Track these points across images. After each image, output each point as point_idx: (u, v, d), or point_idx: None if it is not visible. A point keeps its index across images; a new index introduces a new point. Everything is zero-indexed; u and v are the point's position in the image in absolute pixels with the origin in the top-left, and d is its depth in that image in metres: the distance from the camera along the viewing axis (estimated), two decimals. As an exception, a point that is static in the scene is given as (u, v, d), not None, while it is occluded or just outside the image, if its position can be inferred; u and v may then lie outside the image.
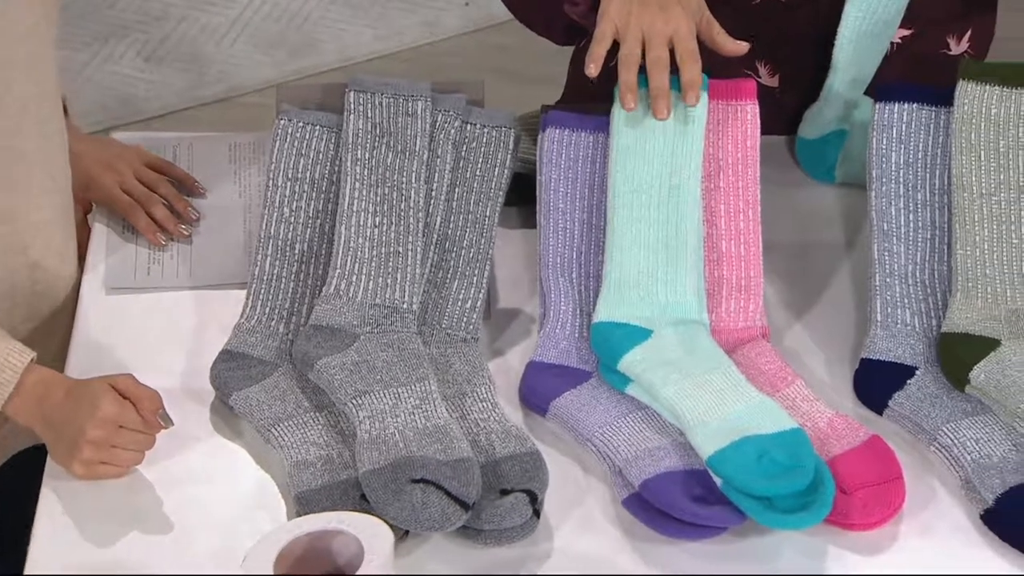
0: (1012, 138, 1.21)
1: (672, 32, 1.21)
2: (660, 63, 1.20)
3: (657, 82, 1.21)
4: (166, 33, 3.16)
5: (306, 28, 3.42)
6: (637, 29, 1.21)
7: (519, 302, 1.29)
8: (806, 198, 1.37)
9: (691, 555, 1.08)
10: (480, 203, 1.26)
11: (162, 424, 1.11)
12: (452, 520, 1.06)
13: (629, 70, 1.21)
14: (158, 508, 1.10)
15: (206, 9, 3.22)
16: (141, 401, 1.09)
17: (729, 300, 1.23)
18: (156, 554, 1.07)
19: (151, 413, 1.10)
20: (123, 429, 1.09)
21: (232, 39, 3.30)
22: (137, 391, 1.10)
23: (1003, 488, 1.09)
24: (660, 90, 1.21)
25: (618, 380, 1.18)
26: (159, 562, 1.06)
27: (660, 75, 1.20)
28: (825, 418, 1.15)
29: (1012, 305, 1.18)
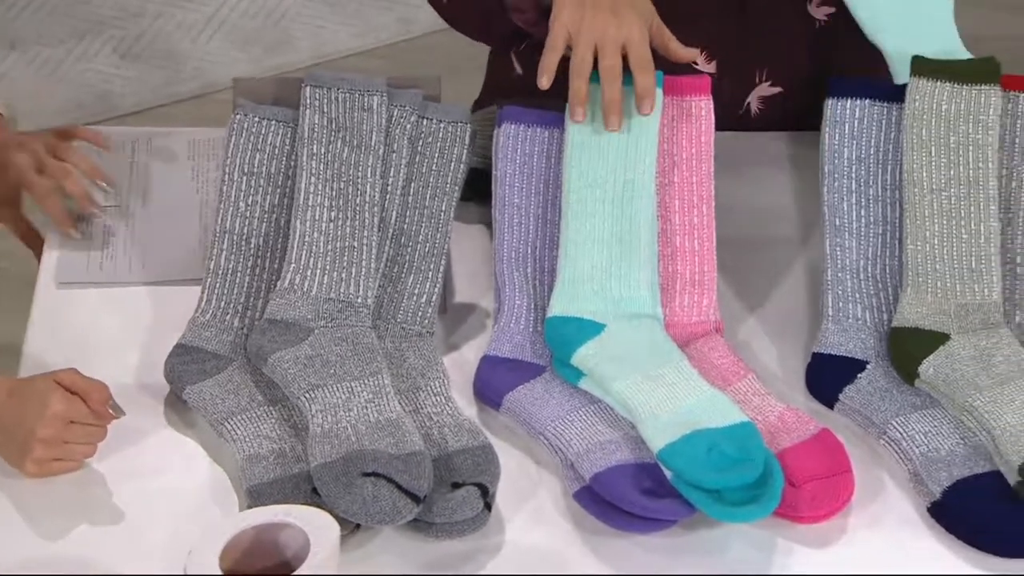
0: (963, 134, 1.21)
1: (625, 38, 1.20)
2: (613, 72, 1.20)
3: (609, 94, 1.20)
4: (142, 30, 3.14)
5: (282, 25, 3.41)
6: (590, 35, 1.20)
7: (475, 297, 1.28)
8: (761, 193, 1.37)
9: (641, 548, 1.08)
10: (436, 198, 1.26)
11: (113, 414, 1.10)
12: (403, 513, 1.05)
13: (580, 78, 1.20)
14: (110, 502, 1.09)
15: (182, 6, 3.20)
16: (89, 394, 1.08)
17: (683, 295, 1.23)
18: (107, 548, 1.06)
19: (101, 404, 1.09)
20: (74, 424, 1.08)
21: (208, 36, 3.29)
22: (84, 385, 1.09)
23: (950, 481, 1.09)
24: (612, 103, 1.20)
25: (571, 374, 1.18)
26: (110, 556, 1.05)
27: (612, 85, 1.20)
28: (776, 412, 1.15)
29: (961, 300, 1.18)
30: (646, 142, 1.22)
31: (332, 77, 1.25)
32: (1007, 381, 1.13)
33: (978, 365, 1.14)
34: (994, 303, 1.18)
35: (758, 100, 1.42)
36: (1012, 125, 1.23)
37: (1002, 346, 1.16)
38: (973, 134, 1.21)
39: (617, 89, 1.20)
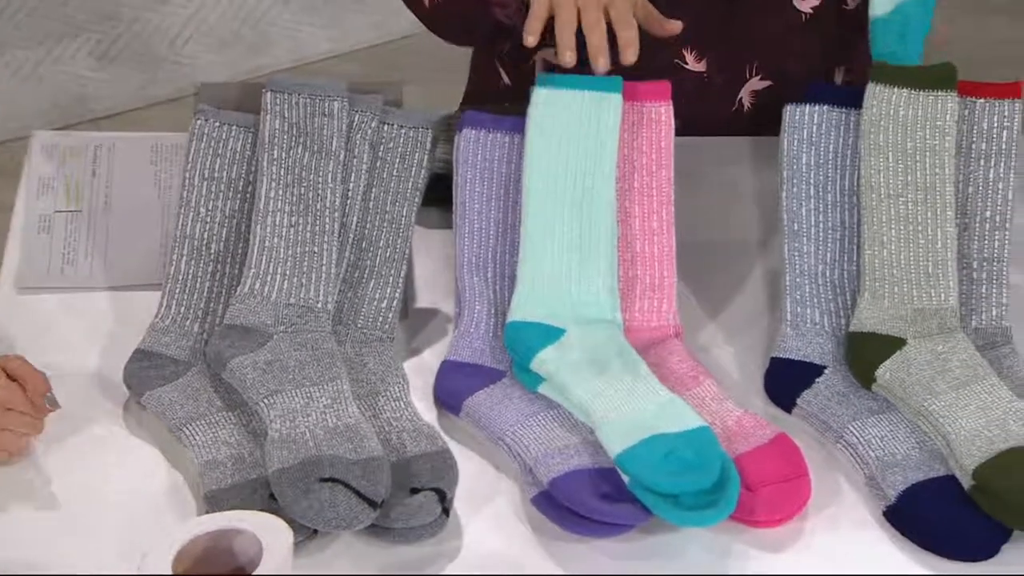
0: (920, 140, 1.21)
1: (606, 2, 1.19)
2: (596, 26, 1.19)
3: (594, 40, 1.19)
4: (119, 33, 3.13)
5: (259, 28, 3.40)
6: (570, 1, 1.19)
7: (437, 302, 1.28)
8: (722, 198, 1.37)
9: (598, 552, 1.07)
10: (397, 203, 1.25)
11: (48, 407, 1.09)
12: (360, 519, 1.05)
13: (565, 31, 1.19)
14: (66, 506, 1.09)
15: (159, 9, 3.19)
16: (27, 381, 1.07)
17: (642, 300, 1.23)
18: (62, 552, 1.05)
19: (36, 395, 1.08)
20: (11, 412, 1.07)
21: (185, 39, 3.28)
22: (24, 372, 1.08)
23: (905, 485, 1.09)
24: (598, 48, 1.19)
25: (530, 379, 1.17)
26: (64, 560, 1.04)
27: (597, 35, 1.19)
28: (733, 416, 1.15)
29: (918, 305, 1.18)
30: (605, 147, 1.22)
31: (293, 83, 1.24)
32: (963, 386, 1.13)
33: (934, 370, 1.14)
34: (950, 308, 1.18)
35: (750, 95, 1.41)
36: (969, 131, 1.23)
37: (958, 351, 1.16)
38: (930, 140, 1.21)
39: (602, 38, 1.19)
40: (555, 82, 1.23)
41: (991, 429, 1.09)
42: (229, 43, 3.34)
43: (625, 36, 1.20)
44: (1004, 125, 1.23)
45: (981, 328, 1.20)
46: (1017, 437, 1.08)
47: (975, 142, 1.23)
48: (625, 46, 1.20)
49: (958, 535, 1.06)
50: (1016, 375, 1.16)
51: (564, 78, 1.24)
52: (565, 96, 1.23)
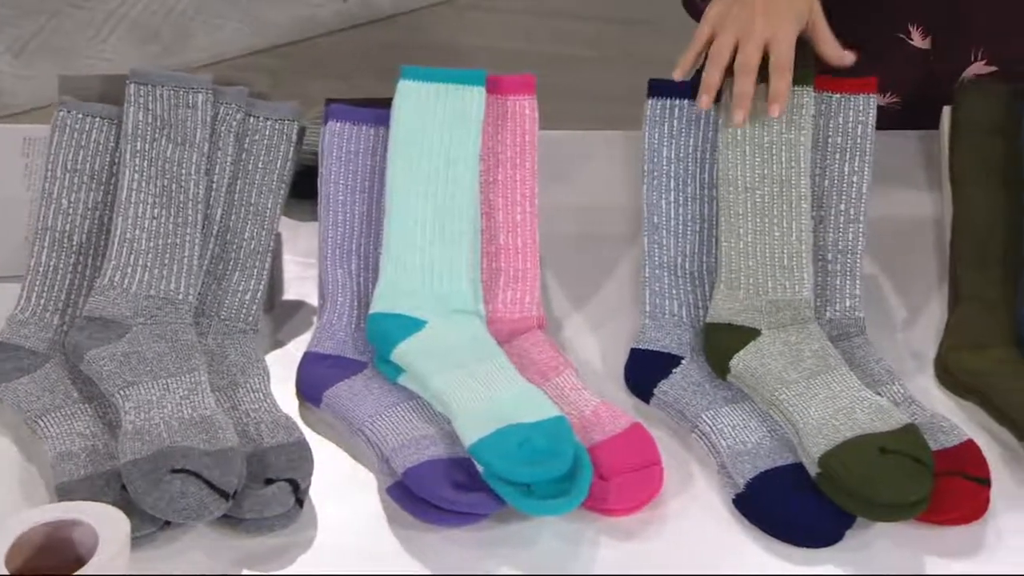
0: (776, 133, 1.21)
1: (769, 36, 1.17)
2: (746, 67, 1.16)
3: (738, 86, 1.17)
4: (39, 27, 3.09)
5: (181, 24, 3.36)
6: (733, 28, 1.17)
7: (304, 294, 1.26)
8: (591, 191, 1.37)
9: (451, 542, 1.06)
10: (262, 195, 1.23)
11: None
12: (211, 510, 1.03)
13: (714, 66, 1.17)
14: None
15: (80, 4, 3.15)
16: None
17: (506, 291, 1.22)
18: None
19: None
20: None
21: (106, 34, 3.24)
22: None
23: (754, 473, 1.09)
24: (739, 96, 1.17)
25: (391, 370, 1.16)
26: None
27: (743, 78, 1.17)
28: (590, 406, 1.14)
29: (772, 296, 1.18)
30: (468, 140, 1.21)
31: (157, 74, 1.22)
32: (814, 376, 1.13)
33: (786, 360, 1.14)
34: (804, 299, 1.18)
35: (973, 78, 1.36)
36: (825, 125, 1.23)
37: (811, 341, 1.15)
38: (786, 133, 1.20)
39: (748, 83, 1.17)
40: (419, 75, 1.22)
41: (838, 418, 1.09)
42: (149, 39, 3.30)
43: (776, 86, 1.17)
44: (860, 120, 1.23)
45: (835, 319, 1.20)
46: (863, 426, 1.08)
47: (831, 136, 1.23)
48: (773, 98, 1.16)
49: (803, 522, 1.06)
50: (868, 365, 1.16)
51: (428, 71, 1.23)
52: (429, 89, 1.22)
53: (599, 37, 3.39)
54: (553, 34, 4.10)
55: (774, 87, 1.18)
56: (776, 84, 1.18)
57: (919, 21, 1.37)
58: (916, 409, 1.13)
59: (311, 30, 3.37)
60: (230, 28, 3.40)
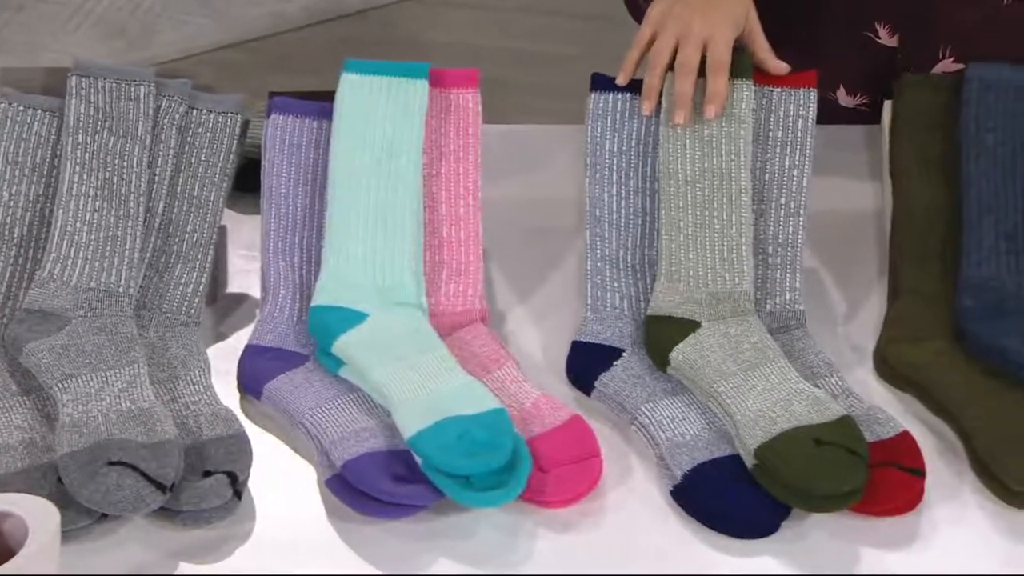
0: (716, 127, 1.21)
1: (708, 36, 1.18)
2: (686, 67, 1.17)
3: (678, 87, 1.18)
4: (4, 21, 3.07)
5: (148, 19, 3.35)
6: (674, 28, 1.18)
7: (248, 287, 1.26)
8: (537, 185, 1.36)
9: (389, 534, 1.06)
10: (205, 188, 1.23)
11: None
12: (147, 502, 1.03)
13: (653, 70, 1.18)
14: None
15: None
16: None
17: (448, 284, 1.22)
18: None
19: None
20: None
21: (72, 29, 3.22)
22: None
23: (691, 464, 1.09)
24: (680, 96, 1.18)
25: (332, 363, 1.16)
26: None
27: (683, 79, 1.18)
28: (531, 399, 1.14)
29: (713, 289, 1.18)
30: (411, 133, 1.21)
31: (99, 66, 1.21)
32: (752, 368, 1.13)
33: (725, 352, 1.14)
34: (744, 292, 1.18)
35: None
36: (766, 119, 1.23)
37: (750, 333, 1.16)
38: (726, 127, 1.20)
39: (688, 83, 1.18)
40: (362, 68, 1.22)
41: (775, 410, 1.09)
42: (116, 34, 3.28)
43: (713, 86, 1.18)
44: (800, 114, 1.23)
45: (775, 312, 1.20)
46: (800, 417, 1.08)
47: (772, 130, 1.23)
48: (710, 99, 1.18)
49: (739, 513, 1.06)
50: (807, 357, 1.17)
51: (371, 64, 1.23)
52: (372, 82, 1.22)
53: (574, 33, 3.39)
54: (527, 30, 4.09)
55: (710, 87, 1.19)
56: (712, 84, 1.18)
57: (886, 19, 1.37)
58: (853, 401, 1.13)
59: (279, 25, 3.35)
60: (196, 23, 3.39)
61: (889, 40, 1.38)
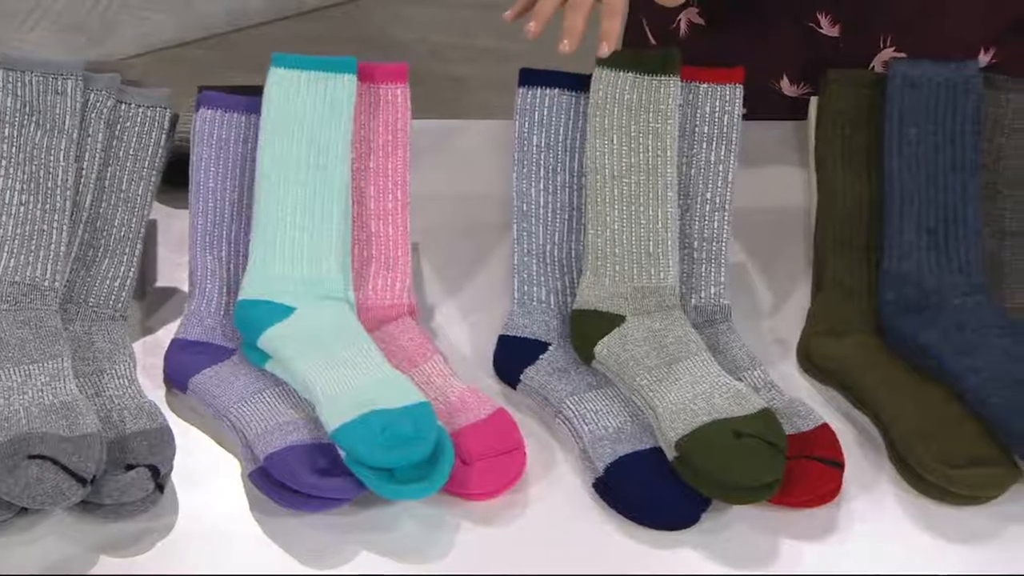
0: (643, 123, 1.21)
1: None
2: (577, 5, 1.16)
3: (569, 22, 1.16)
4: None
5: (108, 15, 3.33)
6: None
7: (177, 281, 1.25)
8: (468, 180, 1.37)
9: (311, 526, 1.06)
10: (133, 182, 1.22)
11: None
12: (68, 496, 1.02)
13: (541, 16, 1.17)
14: None
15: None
16: None
17: (376, 278, 1.22)
18: None
19: None
20: None
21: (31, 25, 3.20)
22: None
23: (613, 457, 1.09)
24: (570, 29, 1.16)
25: (258, 357, 1.15)
26: None
27: (574, 14, 1.16)
28: (456, 392, 1.14)
29: (638, 283, 1.19)
30: (339, 127, 1.21)
31: (25, 60, 1.20)
32: (675, 361, 1.13)
33: (649, 346, 1.15)
34: (669, 286, 1.18)
35: (882, 65, 1.39)
36: (692, 114, 1.23)
37: (674, 327, 1.16)
38: (653, 123, 1.21)
39: (579, 19, 1.15)
40: (290, 62, 1.22)
41: (697, 403, 1.09)
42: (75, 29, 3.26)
43: (607, 27, 1.16)
44: (726, 109, 1.23)
45: (700, 306, 1.20)
46: (720, 410, 1.08)
47: (698, 125, 1.23)
48: (603, 37, 1.16)
49: (659, 505, 1.06)
50: (731, 351, 1.17)
51: (299, 59, 1.22)
52: (300, 76, 1.22)
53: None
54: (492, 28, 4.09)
55: (604, 27, 1.17)
56: (605, 25, 1.17)
57: (827, 9, 1.38)
58: (775, 394, 1.14)
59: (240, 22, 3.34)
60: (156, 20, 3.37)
61: (831, 30, 1.39)
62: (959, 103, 1.22)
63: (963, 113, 1.22)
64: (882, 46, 1.40)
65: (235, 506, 1.08)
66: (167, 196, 1.29)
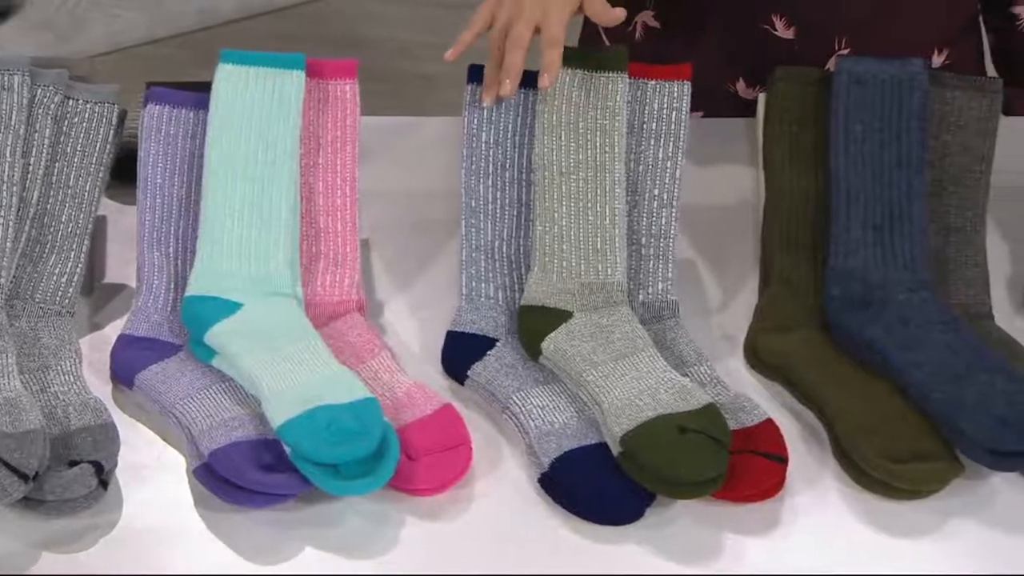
0: (591, 120, 1.21)
1: (540, 17, 1.18)
2: (516, 43, 1.17)
3: (508, 60, 1.18)
4: (-70, 12, 3.02)
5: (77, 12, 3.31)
6: (508, 13, 1.19)
7: (126, 277, 1.25)
8: (418, 176, 1.36)
9: (256, 522, 1.05)
10: (81, 178, 1.22)
11: None
12: (10, 492, 1.01)
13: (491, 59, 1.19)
14: None
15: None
16: None
17: (325, 274, 1.21)
18: None
19: None
20: None
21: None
22: None
23: (558, 453, 1.09)
24: (509, 67, 1.17)
25: (205, 353, 1.15)
26: None
27: (513, 53, 1.18)
28: (403, 388, 1.14)
29: (585, 279, 1.19)
30: (287, 123, 1.20)
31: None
32: (622, 357, 1.13)
33: (596, 342, 1.15)
34: (617, 283, 1.18)
35: None
36: (640, 111, 1.23)
37: (621, 323, 1.16)
38: (601, 120, 1.21)
39: (516, 57, 1.17)
40: (238, 59, 1.21)
41: (642, 398, 1.09)
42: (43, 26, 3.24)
43: (547, 58, 1.17)
44: (674, 106, 1.23)
45: (648, 302, 1.20)
46: (665, 406, 1.08)
47: (646, 122, 1.23)
48: (544, 69, 1.17)
49: (603, 500, 1.06)
50: (678, 347, 1.17)
51: (248, 55, 1.22)
52: (248, 72, 1.21)
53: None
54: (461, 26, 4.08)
55: (545, 59, 1.18)
56: (547, 56, 1.18)
57: (782, 11, 1.38)
58: (721, 389, 1.14)
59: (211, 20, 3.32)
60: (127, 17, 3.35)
61: (786, 32, 1.39)
62: (905, 100, 1.23)
63: (909, 110, 1.22)
64: (836, 48, 1.40)
65: (179, 502, 1.07)
66: (117, 192, 1.28)
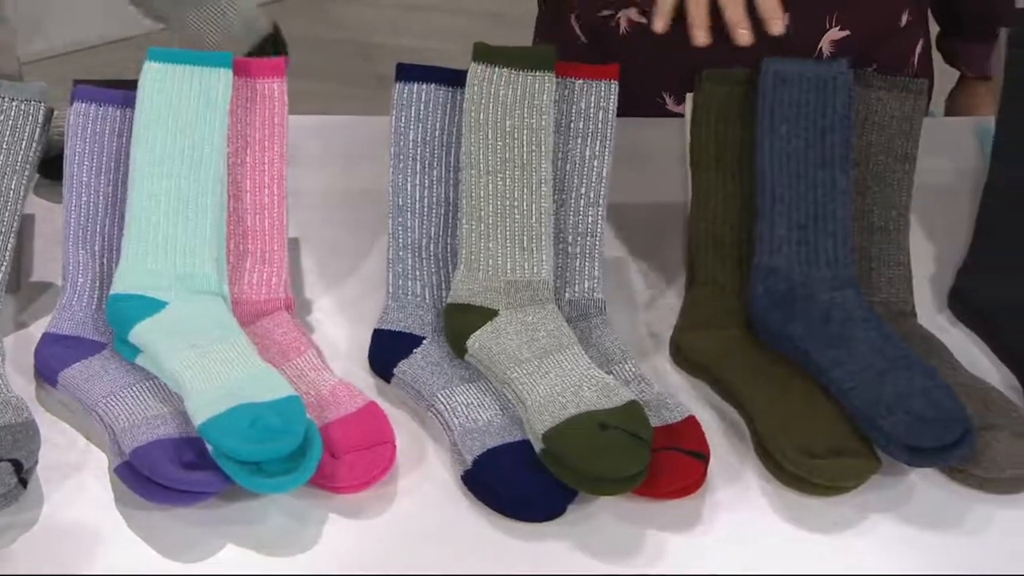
0: (518, 118, 1.21)
1: None
2: None
3: (731, 12, 1.19)
4: None
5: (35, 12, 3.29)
6: None
7: (53, 276, 1.24)
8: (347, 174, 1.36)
9: (177, 520, 1.05)
10: (6, 176, 1.21)
11: None
12: (-73, 490, 1.01)
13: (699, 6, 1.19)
14: None
15: (-75, -10, 3.07)
16: None
17: (252, 273, 1.21)
18: None
19: None
20: None
21: (-49, 22, 3.15)
22: None
23: (482, 450, 1.09)
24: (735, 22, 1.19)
25: (129, 351, 1.14)
26: None
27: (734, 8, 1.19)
28: (328, 386, 1.14)
29: (511, 277, 1.19)
30: (214, 122, 1.20)
31: None
32: (547, 355, 1.14)
33: (521, 339, 1.15)
34: (543, 281, 1.18)
35: (830, 44, 1.42)
36: (568, 110, 1.24)
37: (547, 321, 1.16)
38: (528, 118, 1.21)
39: (738, 10, 1.18)
40: (165, 56, 1.21)
41: (565, 395, 1.09)
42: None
43: (765, 6, 1.18)
44: (601, 105, 1.24)
45: (575, 300, 1.21)
46: (588, 403, 1.09)
47: (573, 121, 1.24)
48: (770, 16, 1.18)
49: (524, 497, 1.06)
50: (603, 344, 1.18)
51: (174, 52, 1.22)
52: (175, 71, 1.21)
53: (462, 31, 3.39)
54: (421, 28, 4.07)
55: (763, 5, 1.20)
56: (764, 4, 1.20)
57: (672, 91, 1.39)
58: (644, 387, 1.14)
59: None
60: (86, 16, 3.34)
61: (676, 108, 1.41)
62: (829, 99, 1.23)
63: (833, 109, 1.23)
64: (828, 26, 1.42)
65: (100, 500, 1.06)
66: (47, 191, 1.28)
